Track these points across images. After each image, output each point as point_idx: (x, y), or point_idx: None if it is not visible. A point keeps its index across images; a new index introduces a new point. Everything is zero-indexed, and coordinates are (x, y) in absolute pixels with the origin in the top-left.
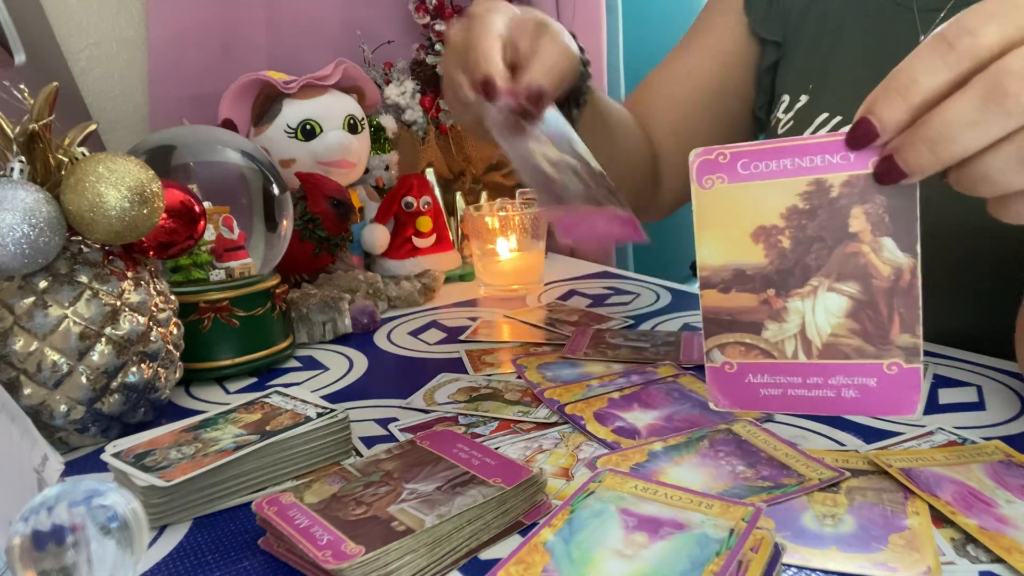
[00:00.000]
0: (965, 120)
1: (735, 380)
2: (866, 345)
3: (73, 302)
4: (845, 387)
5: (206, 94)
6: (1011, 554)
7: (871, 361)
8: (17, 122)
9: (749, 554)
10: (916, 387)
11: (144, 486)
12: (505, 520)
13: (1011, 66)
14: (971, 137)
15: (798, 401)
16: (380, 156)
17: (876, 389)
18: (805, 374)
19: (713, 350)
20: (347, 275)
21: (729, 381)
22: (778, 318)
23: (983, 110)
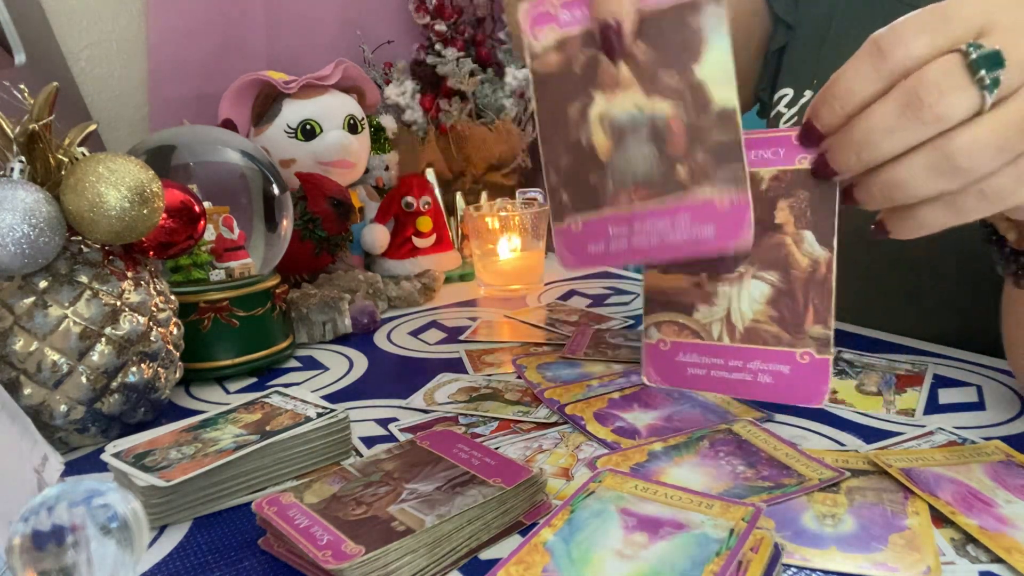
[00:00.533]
0: (884, 126)
1: (667, 357)
2: (783, 333)
3: (73, 302)
4: (761, 372)
5: (206, 94)
6: (1011, 554)
7: (786, 349)
8: (17, 122)
9: (749, 554)
10: (825, 378)
11: (144, 486)
12: (505, 520)
13: (928, 76)
14: (890, 142)
15: (720, 382)
16: (380, 156)
17: (789, 376)
18: (727, 356)
19: (651, 327)
20: (347, 275)
21: (662, 358)
22: (708, 301)
23: (900, 118)
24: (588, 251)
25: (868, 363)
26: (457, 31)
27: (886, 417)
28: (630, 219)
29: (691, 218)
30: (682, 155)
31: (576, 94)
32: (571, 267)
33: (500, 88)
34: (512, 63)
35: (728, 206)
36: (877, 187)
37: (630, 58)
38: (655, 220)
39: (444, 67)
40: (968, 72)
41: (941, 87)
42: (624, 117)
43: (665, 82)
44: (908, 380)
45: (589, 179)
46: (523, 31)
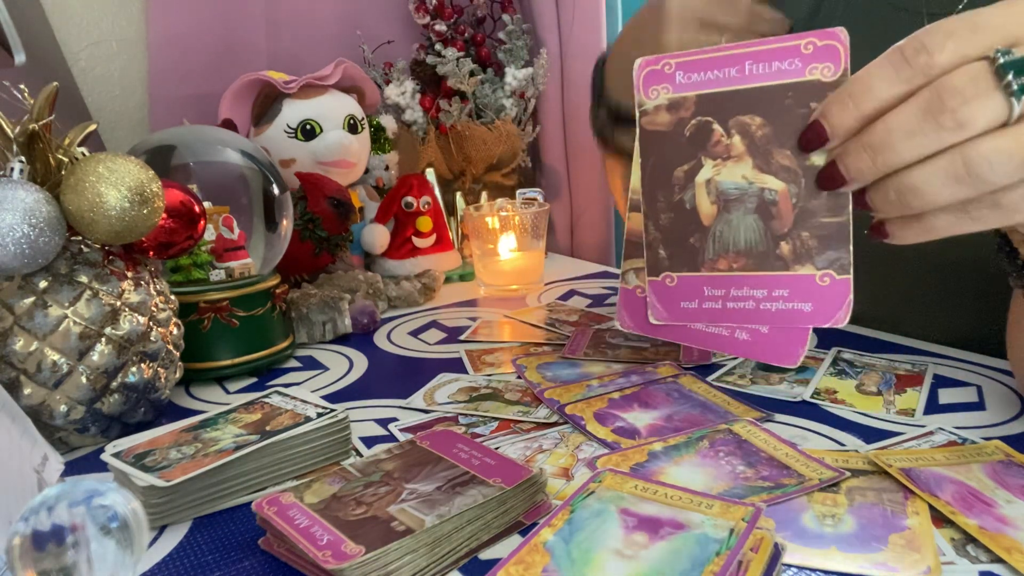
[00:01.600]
0: (905, 129)
1: (643, 305)
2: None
3: (73, 302)
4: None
5: (206, 94)
6: (1011, 554)
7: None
8: (17, 122)
9: (749, 554)
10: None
11: (144, 486)
12: (505, 520)
13: (953, 82)
14: (909, 147)
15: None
16: (380, 156)
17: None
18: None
19: (628, 272)
20: (347, 275)
21: (639, 305)
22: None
23: (922, 122)
24: (680, 307)
25: (868, 363)
26: (457, 31)
27: (886, 417)
28: (727, 283)
29: (789, 293)
30: (787, 232)
31: (684, 156)
32: (660, 320)
33: (500, 88)
34: (512, 63)
35: (829, 286)
36: (894, 191)
37: (744, 131)
38: (752, 288)
39: (444, 67)
40: (995, 78)
41: (966, 92)
42: (732, 187)
43: (779, 161)
44: (908, 380)
45: (689, 240)
46: (635, 87)
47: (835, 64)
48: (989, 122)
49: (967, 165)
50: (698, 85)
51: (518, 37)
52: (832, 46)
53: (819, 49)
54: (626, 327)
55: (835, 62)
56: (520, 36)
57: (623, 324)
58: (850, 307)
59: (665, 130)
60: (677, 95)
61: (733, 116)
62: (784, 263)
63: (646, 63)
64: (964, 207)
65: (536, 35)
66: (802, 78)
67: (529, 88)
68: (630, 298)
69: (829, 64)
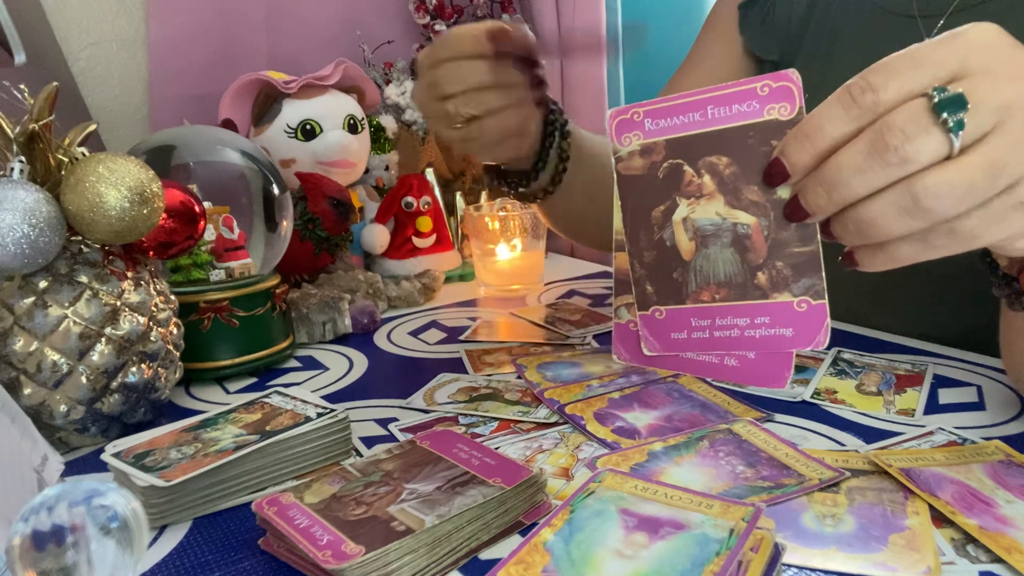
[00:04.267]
0: (854, 167)
1: (637, 338)
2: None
3: (73, 302)
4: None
5: (206, 94)
6: (1011, 554)
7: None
8: (17, 122)
9: (749, 554)
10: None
11: (144, 486)
12: (505, 520)
13: (894, 120)
14: (859, 183)
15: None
16: (380, 156)
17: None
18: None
19: (620, 308)
20: (347, 275)
21: (633, 338)
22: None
23: (869, 159)
24: (671, 338)
25: (868, 363)
26: None
27: (886, 417)
28: (712, 313)
29: (771, 320)
30: (763, 263)
31: (660, 197)
32: (653, 351)
33: None
34: None
35: (806, 311)
36: (852, 224)
37: (713, 171)
38: (735, 317)
39: None
40: (932, 115)
41: (906, 130)
42: (707, 223)
43: (748, 196)
44: (908, 380)
45: (672, 275)
46: (608, 135)
47: (791, 104)
48: (931, 157)
49: (915, 199)
50: (666, 131)
51: None
52: (786, 87)
53: (774, 91)
54: (622, 359)
55: (790, 102)
56: None
57: (619, 356)
58: (828, 330)
59: (640, 174)
60: (648, 140)
61: (701, 157)
62: (762, 292)
63: (617, 113)
64: (923, 236)
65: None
66: (761, 118)
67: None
68: (624, 332)
69: (785, 104)
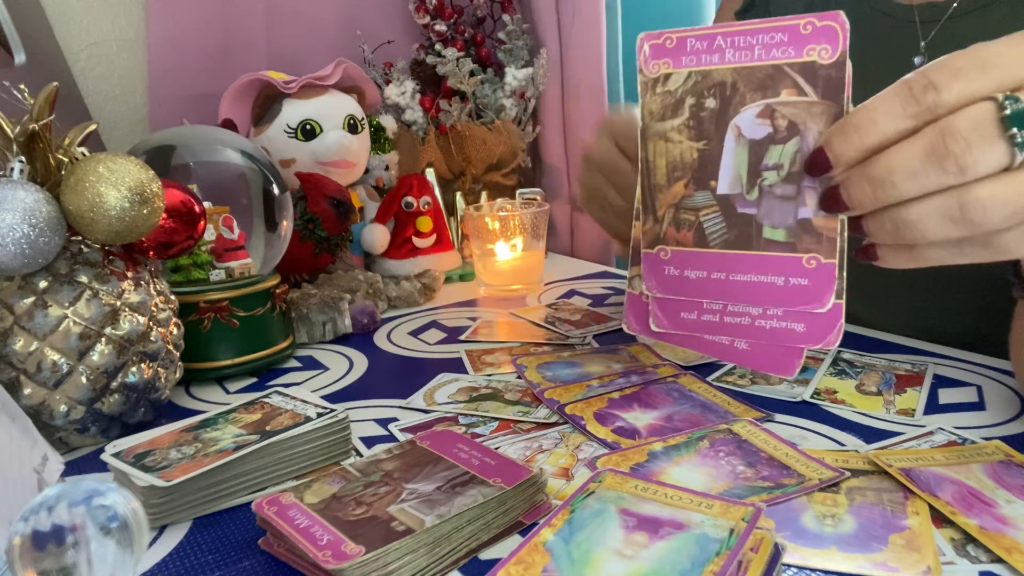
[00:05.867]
0: (907, 169)
1: (647, 309)
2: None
3: (73, 302)
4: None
5: (206, 94)
6: (1011, 554)
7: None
8: (17, 122)
9: (749, 554)
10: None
11: (144, 486)
12: (505, 520)
13: (958, 127)
14: (909, 185)
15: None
16: (380, 156)
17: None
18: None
19: (635, 278)
20: (347, 275)
21: (645, 310)
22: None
23: (925, 163)
24: (680, 317)
25: (868, 363)
26: (457, 31)
27: (886, 417)
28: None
29: (783, 312)
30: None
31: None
32: (661, 328)
33: (500, 88)
34: (512, 63)
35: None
36: (890, 223)
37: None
38: (750, 303)
39: (444, 67)
40: (1000, 126)
41: (970, 139)
42: None
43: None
44: (908, 380)
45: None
46: (638, 59)
47: (833, 46)
48: (990, 169)
49: (962, 208)
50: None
51: (518, 37)
52: (831, 27)
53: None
54: (632, 330)
55: (833, 44)
56: (520, 36)
57: (629, 327)
58: (841, 331)
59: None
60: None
61: (732, 92)
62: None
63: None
64: (957, 243)
65: (536, 35)
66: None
67: (529, 88)
68: (636, 303)
69: (827, 45)
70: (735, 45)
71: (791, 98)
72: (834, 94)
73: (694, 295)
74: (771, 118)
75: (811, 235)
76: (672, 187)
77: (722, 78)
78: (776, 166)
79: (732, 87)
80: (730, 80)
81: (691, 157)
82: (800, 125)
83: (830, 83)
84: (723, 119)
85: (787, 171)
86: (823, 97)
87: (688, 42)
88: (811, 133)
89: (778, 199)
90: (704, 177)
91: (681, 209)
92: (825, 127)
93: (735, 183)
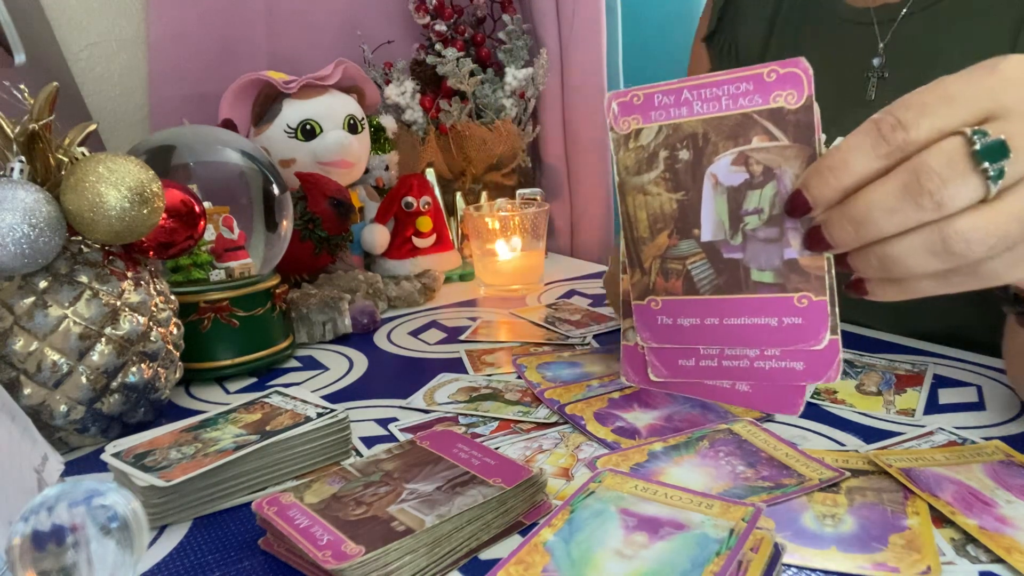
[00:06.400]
0: (886, 207)
1: (644, 359)
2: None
3: (73, 302)
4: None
5: (206, 94)
6: (1011, 554)
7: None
8: (17, 122)
9: (749, 554)
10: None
11: (144, 486)
12: (505, 520)
13: (931, 164)
14: (889, 222)
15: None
16: (380, 156)
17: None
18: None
19: (628, 330)
20: (347, 275)
21: (640, 360)
22: None
23: (901, 200)
24: (678, 364)
25: (868, 363)
26: (457, 31)
27: (886, 417)
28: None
29: (781, 352)
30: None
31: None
32: (660, 378)
33: (500, 88)
34: (512, 63)
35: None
36: (875, 259)
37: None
38: (746, 346)
39: (444, 67)
40: (972, 161)
41: (943, 175)
42: None
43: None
44: (908, 380)
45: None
46: (607, 119)
47: (799, 91)
48: (966, 202)
49: (944, 242)
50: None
51: (518, 37)
52: (794, 73)
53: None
54: (631, 381)
55: (798, 89)
56: (520, 36)
57: (628, 378)
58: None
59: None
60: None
61: (702, 143)
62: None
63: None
64: (944, 274)
65: (536, 35)
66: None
67: (529, 88)
68: (632, 354)
69: (792, 91)
70: (702, 97)
71: (764, 144)
72: (805, 137)
73: (689, 342)
74: (746, 164)
75: (799, 275)
76: (656, 239)
77: (693, 129)
78: (756, 210)
79: (704, 137)
80: (701, 131)
81: (671, 208)
82: (776, 169)
83: (799, 127)
84: (698, 169)
85: (768, 214)
86: (794, 141)
87: (655, 97)
88: (787, 176)
89: (762, 242)
90: (686, 226)
91: (667, 259)
92: (800, 169)
93: (718, 230)
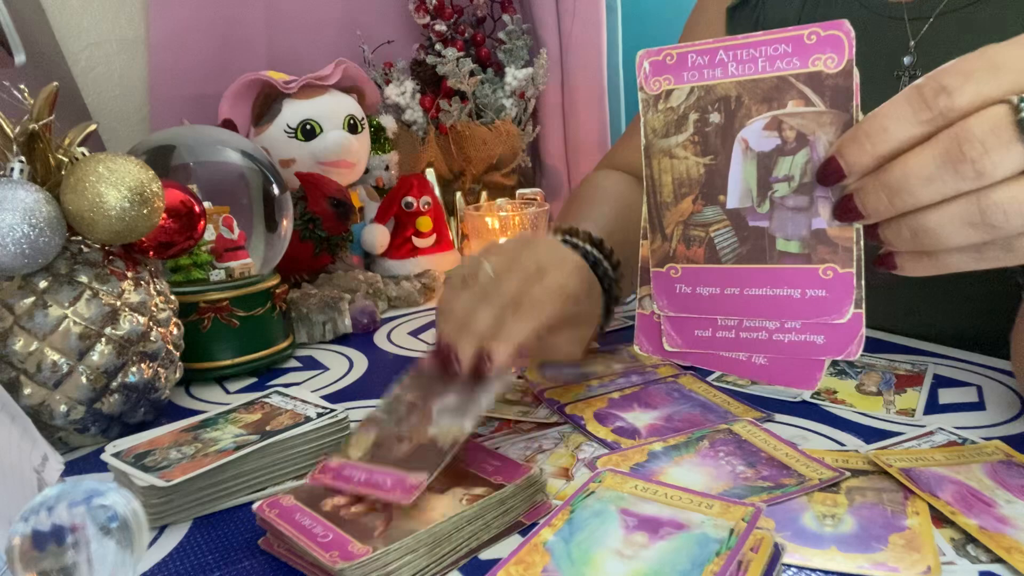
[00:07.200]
0: (923, 175)
1: (659, 329)
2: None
3: (73, 302)
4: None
5: (206, 94)
6: (1011, 554)
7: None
8: (17, 122)
9: (749, 554)
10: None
11: (144, 486)
12: (505, 520)
13: (973, 131)
14: (926, 192)
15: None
16: (380, 156)
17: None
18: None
19: (644, 298)
20: (347, 275)
21: (654, 329)
22: None
23: (941, 169)
24: (694, 335)
25: (868, 363)
26: (457, 31)
27: (886, 417)
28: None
29: (802, 325)
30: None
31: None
32: (674, 347)
33: (500, 88)
34: (512, 63)
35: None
36: (908, 230)
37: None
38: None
39: (444, 67)
40: (1016, 130)
41: (986, 143)
42: None
43: None
44: (908, 380)
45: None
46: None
47: (839, 55)
48: (1008, 172)
49: (982, 213)
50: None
51: (518, 37)
52: (836, 36)
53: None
54: (644, 350)
55: (839, 53)
56: (520, 36)
57: (642, 348)
58: (862, 341)
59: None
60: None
61: (736, 106)
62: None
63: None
64: (977, 248)
65: (536, 35)
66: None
67: (529, 88)
68: (647, 323)
69: (833, 55)
70: (738, 58)
71: (799, 109)
72: (842, 103)
73: (708, 312)
74: (779, 130)
75: (826, 245)
76: (680, 204)
77: (726, 92)
78: (786, 178)
79: (737, 100)
80: (734, 94)
81: (698, 173)
82: (809, 136)
83: (838, 92)
84: (729, 133)
85: (798, 182)
86: (831, 106)
87: (689, 57)
88: (820, 143)
89: (790, 211)
90: (712, 192)
91: (690, 226)
92: (835, 137)
93: (745, 197)
